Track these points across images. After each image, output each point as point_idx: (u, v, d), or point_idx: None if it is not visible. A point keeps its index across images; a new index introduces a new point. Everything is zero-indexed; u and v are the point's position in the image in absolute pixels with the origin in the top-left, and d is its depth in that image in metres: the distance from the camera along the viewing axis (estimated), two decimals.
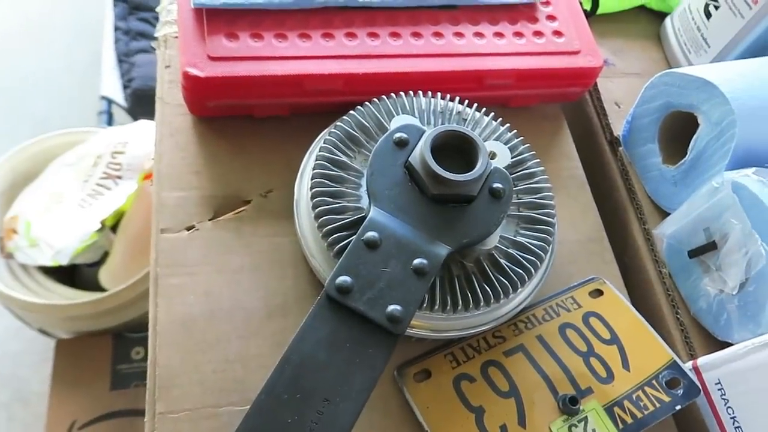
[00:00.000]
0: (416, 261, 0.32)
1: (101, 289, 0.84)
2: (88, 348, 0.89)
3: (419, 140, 0.35)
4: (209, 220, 0.40)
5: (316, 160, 0.38)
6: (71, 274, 0.91)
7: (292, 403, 0.28)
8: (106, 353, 0.89)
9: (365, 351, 0.30)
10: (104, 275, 0.86)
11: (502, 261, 0.37)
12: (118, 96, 1.16)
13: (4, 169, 0.89)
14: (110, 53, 1.20)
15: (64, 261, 0.78)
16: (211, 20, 0.41)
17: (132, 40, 1.22)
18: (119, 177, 0.82)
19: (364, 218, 0.35)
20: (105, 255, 0.87)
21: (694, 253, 0.41)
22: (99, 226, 0.79)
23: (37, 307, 0.80)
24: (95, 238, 0.81)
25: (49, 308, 0.81)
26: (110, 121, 1.16)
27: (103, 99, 1.16)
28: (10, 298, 0.80)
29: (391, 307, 0.30)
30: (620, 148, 0.49)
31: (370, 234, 0.32)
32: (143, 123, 0.89)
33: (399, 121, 0.38)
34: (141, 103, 1.14)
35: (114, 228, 0.85)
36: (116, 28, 1.22)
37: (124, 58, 1.20)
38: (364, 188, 0.38)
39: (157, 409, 0.34)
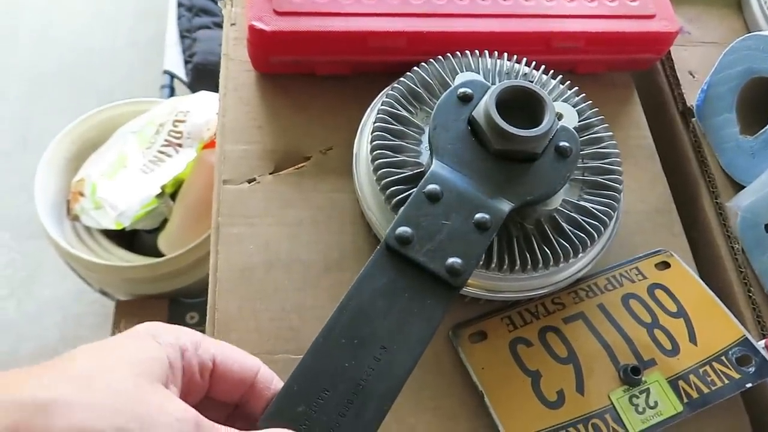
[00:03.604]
0: (478, 215, 0.31)
1: (160, 256, 0.87)
2: (145, 310, 0.92)
3: (483, 96, 0.34)
4: (270, 173, 0.40)
5: (378, 114, 0.37)
6: (131, 241, 0.94)
7: (350, 347, 0.28)
8: (162, 317, 0.91)
9: (423, 302, 0.29)
10: (162, 241, 0.88)
11: (564, 224, 0.36)
12: (180, 71, 1.19)
13: (71, 137, 0.93)
14: (173, 29, 1.23)
15: (126, 223, 0.81)
16: None
17: (194, 16, 1.24)
18: (180, 145, 0.84)
19: (423, 173, 0.34)
20: (164, 222, 0.89)
21: None
22: (159, 190, 0.81)
23: (99, 267, 0.83)
24: (155, 204, 0.83)
25: (110, 269, 0.84)
26: (172, 95, 1.19)
27: (166, 73, 1.19)
28: (75, 258, 0.84)
29: (451, 260, 0.30)
30: (693, 119, 0.47)
31: (432, 186, 0.31)
32: (204, 94, 0.91)
33: (463, 77, 0.37)
34: (201, 78, 1.17)
35: (173, 195, 0.87)
36: (179, 5, 1.25)
37: (186, 34, 1.22)
38: (424, 144, 0.37)
39: None
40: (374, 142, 0.36)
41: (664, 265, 0.40)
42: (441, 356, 0.37)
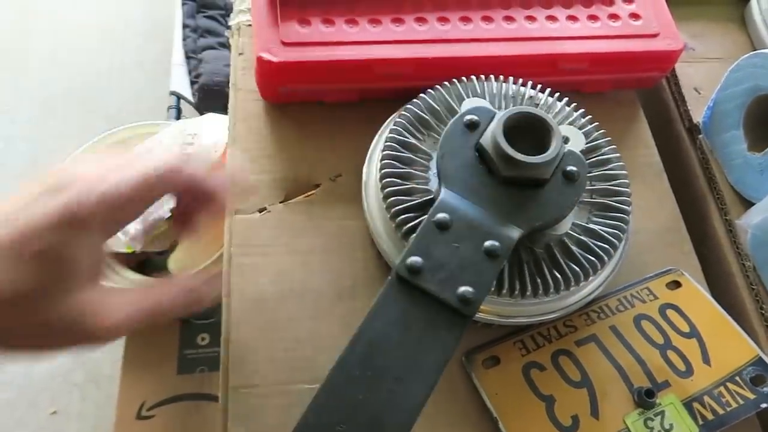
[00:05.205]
0: (488, 243, 0.31)
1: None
2: (156, 333, 0.92)
3: (490, 122, 0.35)
4: (280, 202, 0.41)
5: (386, 142, 0.38)
6: (142, 263, 0.94)
7: (364, 380, 0.28)
8: (173, 339, 0.92)
9: (436, 332, 0.30)
10: (172, 263, 0.89)
11: (574, 248, 0.36)
12: (186, 91, 1.21)
13: None
14: (179, 50, 1.25)
15: (137, 247, 0.82)
16: (284, 6, 0.41)
17: (200, 37, 1.26)
18: None
19: (432, 200, 0.35)
20: (174, 244, 0.90)
21: None
22: (169, 213, 0.82)
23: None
24: (165, 227, 0.84)
25: None
26: (179, 116, 1.20)
27: (172, 94, 1.20)
28: None
29: (462, 289, 0.30)
30: (700, 136, 0.47)
31: (441, 215, 0.32)
32: (211, 116, 0.92)
33: (469, 103, 0.38)
34: (208, 98, 1.18)
35: None
36: (185, 26, 1.26)
37: (191, 54, 1.24)
38: (432, 171, 0.38)
39: (230, 383, 0.34)
40: (383, 170, 0.37)
41: (675, 284, 0.40)
42: (455, 382, 0.37)
